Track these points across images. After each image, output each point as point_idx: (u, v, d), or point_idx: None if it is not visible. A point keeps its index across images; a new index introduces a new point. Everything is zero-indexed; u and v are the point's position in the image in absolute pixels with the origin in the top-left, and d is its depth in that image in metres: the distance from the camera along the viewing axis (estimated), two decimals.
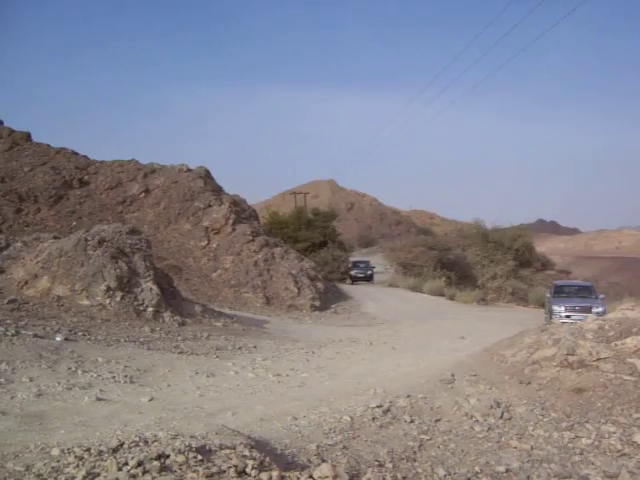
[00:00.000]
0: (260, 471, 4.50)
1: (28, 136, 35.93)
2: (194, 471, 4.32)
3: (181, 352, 11.51)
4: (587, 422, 6.75)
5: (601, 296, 21.14)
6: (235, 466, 4.48)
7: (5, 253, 16.72)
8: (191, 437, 5.11)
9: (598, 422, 6.73)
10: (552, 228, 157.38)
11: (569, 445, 6.25)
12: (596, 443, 6.25)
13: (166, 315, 14.61)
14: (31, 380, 7.80)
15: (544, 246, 75.71)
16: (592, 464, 5.80)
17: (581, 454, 6.03)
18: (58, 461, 4.56)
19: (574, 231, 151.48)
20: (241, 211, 32.43)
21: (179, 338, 12.95)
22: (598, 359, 8.11)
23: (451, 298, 31.77)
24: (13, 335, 9.81)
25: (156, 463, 4.37)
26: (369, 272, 42.00)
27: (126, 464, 4.35)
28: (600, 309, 18.78)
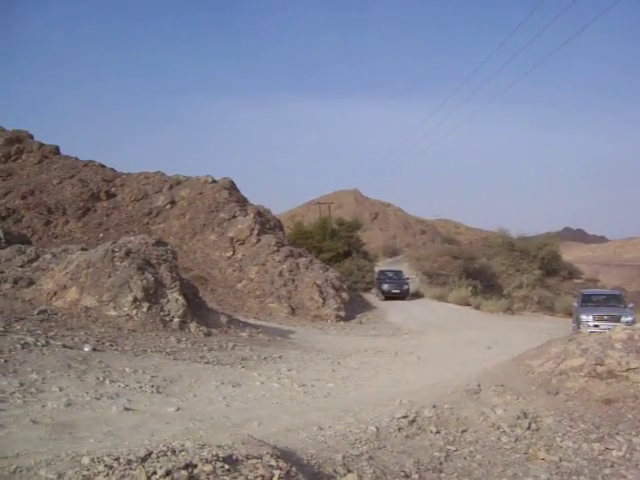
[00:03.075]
0: None
1: (57, 149, 36.70)
2: None
3: (207, 362, 11.58)
4: (617, 434, 6.64)
5: (630, 305, 20.79)
6: (262, 476, 4.50)
7: (35, 265, 17.05)
8: (218, 447, 5.14)
9: (629, 434, 6.61)
10: (579, 236, 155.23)
11: (599, 457, 6.15)
12: (627, 456, 6.15)
13: (192, 325, 14.72)
14: (61, 390, 7.92)
15: (571, 255, 74.65)
16: (624, 477, 5.71)
17: (612, 467, 5.94)
18: (88, 470, 4.62)
19: (601, 239, 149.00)
20: (266, 222, 32.63)
21: (205, 348, 13.03)
22: (628, 369, 7.98)
23: (477, 307, 31.48)
24: (43, 345, 9.97)
25: (184, 472, 4.41)
26: (405, 287, 34.49)
27: (155, 473, 4.39)
28: (629, 318, 18.47)
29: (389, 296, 33.39)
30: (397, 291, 33.80)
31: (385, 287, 33.93)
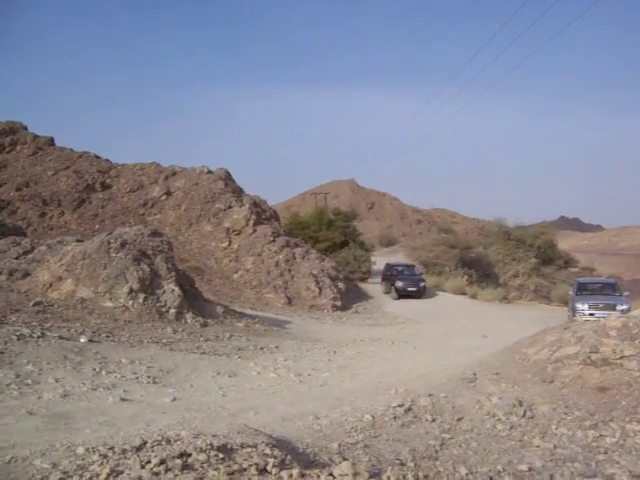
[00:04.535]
0: (281, 469, 4.52)
1: (51, 141, 36.48)
2: (215, 469, 4.37)
3: (203, 353, 11.59)
4: (611, 421, 6.67)
5: (625, 293, 20.88)
6: (256, 464, 4.51)
7: (30, 256, 16.99)
8: (213, 436, 5.16)
9: (623, 421, 6.64)
10: (575, 225, 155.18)
11: (593, 444, 6.18)
12: (621, 442, 6.17)
13: (188, 316, 14.72)
14: (57, 381, 7.92)
15: (567, 243, 74.71)
16: (617, 463, 5.72)
17: (605, 453, 5.96)
18: (83, 459, 4.64)
19: (597, 228, 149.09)
20: (262, 212, 32.54)
21: (201, 339, 13.04)
22: (622, 357, 8.01)
23: (473, 297, 31.52)
24: (39, 337, 9.96)
25: (178, 461, 4.42)
26: (422, 284, 30.65)
27: (149, 462, 4.41)
28: (624, 306, 18.54)
29: (404, 294, 29.79)
30: (413, 289, 30.05)
31: (400, 285, 30.13)
